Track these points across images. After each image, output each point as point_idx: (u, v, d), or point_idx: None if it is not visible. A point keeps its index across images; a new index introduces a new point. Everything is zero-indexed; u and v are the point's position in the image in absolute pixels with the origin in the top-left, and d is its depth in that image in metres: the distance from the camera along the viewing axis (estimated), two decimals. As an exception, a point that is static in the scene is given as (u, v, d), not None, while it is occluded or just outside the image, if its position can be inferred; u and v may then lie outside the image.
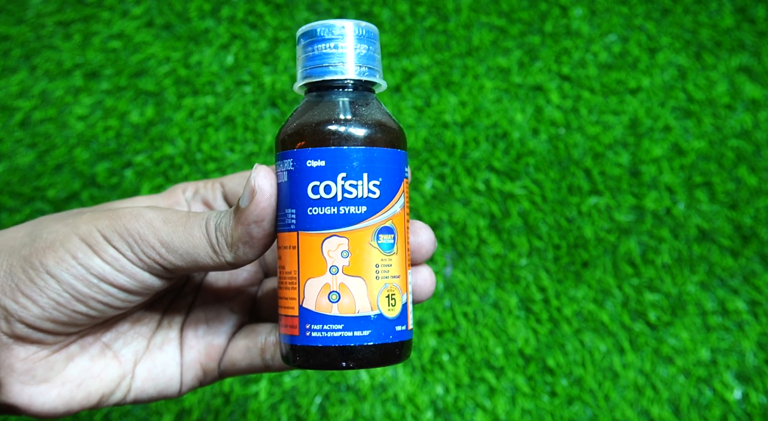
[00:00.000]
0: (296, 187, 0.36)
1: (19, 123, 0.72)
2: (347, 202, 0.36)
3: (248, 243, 0.37)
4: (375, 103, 0.39)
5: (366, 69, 0.38)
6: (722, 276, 0.69)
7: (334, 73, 0.37)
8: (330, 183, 0.36)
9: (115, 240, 0.36)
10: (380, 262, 0.37)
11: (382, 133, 0.37)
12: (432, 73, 0.73)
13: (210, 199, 0.44)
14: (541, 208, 0.70)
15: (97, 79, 0.73)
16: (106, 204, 0.43)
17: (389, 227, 0.37)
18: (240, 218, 0.36)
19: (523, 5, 0.75)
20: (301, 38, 0.38)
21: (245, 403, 0.66)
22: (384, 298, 0.37)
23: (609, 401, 0.66)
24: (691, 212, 0.70)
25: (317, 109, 0.37)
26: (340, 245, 0.36)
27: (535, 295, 0.68)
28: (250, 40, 0.74)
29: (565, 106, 0.73)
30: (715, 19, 0.75)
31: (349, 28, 0.38)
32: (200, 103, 0.73)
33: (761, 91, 0.73)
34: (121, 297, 0.37)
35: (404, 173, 0.38)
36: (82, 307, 0.36)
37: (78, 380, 0.38)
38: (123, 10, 0.75)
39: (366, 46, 0.38)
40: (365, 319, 0.36)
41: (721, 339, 0.67)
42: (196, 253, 0.37)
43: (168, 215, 0.37)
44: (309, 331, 0.36)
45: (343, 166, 0.36)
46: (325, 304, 0.36)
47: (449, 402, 0.66)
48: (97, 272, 0.36)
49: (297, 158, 0.37)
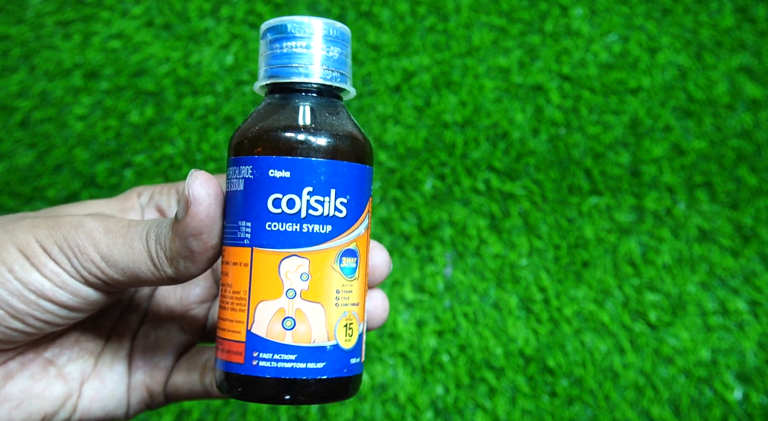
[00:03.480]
0: (254, 198, 0.33)
1: (19, 123, 0.72)
2: (312, 219, 0.33)
3: (188, 258, 0.33)
4: (344, 113, 0.35)
5: (338, 74, 0.35)
6: (723, 276, 0.69)
7: (304, 75, 0.34)
8: (294, 197, 0.32)
9: (54, 252, 0.33)
10: (341, 287, 0.33)
11: (353, 147, 0.34)
12: (432, 73, 0.73)
13: (164, 207, 0.40)
14: (542, 208, 0.70)
15: (96, 79, 0.73)
16: (54, 208, 0.39)
17: (353, 249, 0.34)
18: (177, 231, 0.32)
19: (524, 5, 0.75)
20: (267, 33, 0.35)
21: (245, 403, 0.66)
22: (342, 327, 0.33)
23: (609, 402, 0.66)
24: (692, 211, 0.70)
25: (283, 114, 0.34)
26: (300, 266, 0.32)
27: (535, 295, 0.68)
28: (250, 40, 0.74)
29: (566, 106, 0.73)
30: (715, 19, 0.75)
31: (320, 28, 0.34)
32: (200, 103, 0.73)
33: (762, 91, 0.73)
34: (62, 314, 0.34)
35: (370, 191, 0.35)
36: (18, 324, 0.33)
37: (18, 400, 0.35)
38: (123, 10, 0.75)
39: (338, 49, 0.35)
40: (321, 350, 0.33)
41: (721, 339, 0.67)
42: (136, 266, 0.33)
43: (109, 224, 0.34)
44: (256, 360, 0.32)
45: (310, 179, 0.32)
46: (278, 331, 0.32)
47: (449, 402, 0.66)
48: (35, 287, 0.32)
49: (257, 166, 0.33)
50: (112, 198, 0.40)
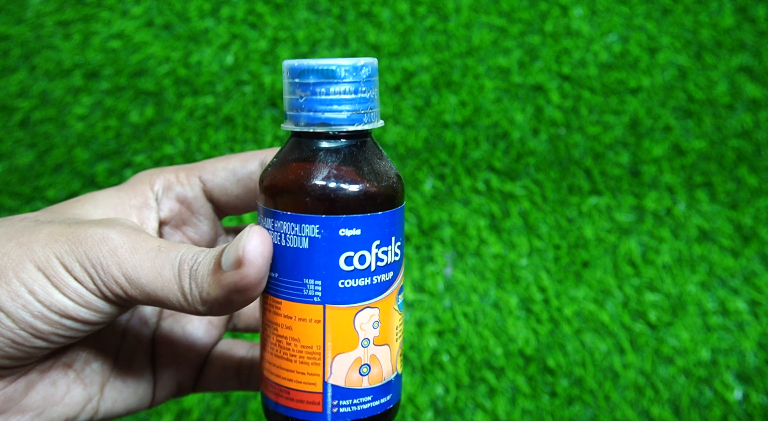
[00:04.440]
0: (324, 257, 0.32)
1: (19, 123, 0.72)
2: (379, 270, 0.33)
3: (226, 307, 0.32)
4: (379, 150, 0.34)
5: (373, 113, 0.33)
6: (723, 276, 0.69)
7: (345, 121, 0.32)
8: (365, 253, 0.32)
9: (75, 270, 0.31)
10: (398, 323, 0.35)
11: (400, 189, 0.34)
12: (432, 73, 0.73)
13: (189, 198, 0.38)
14: (542, 208, 0.70)
15: (96, 79, 0.73)
16: (62, 204, 0.37)
17: (403, 285, 0.35)
18: (220, 281, 0.31)
19: (524, 5, 0.75)
20: (310, 75, 0.32)
21: (245, 403, 0.66)
22: (399, 357, 0.35)
23: (609, 402, 0.66)
24: (692, 211, 0.70)
25: (335, 164, 0.32)
26: (372, 315, 0.33)
27: (535, 295, 0.68)
28: (250, 40, 0.74)
29: (566, 106, 0.73)
30: (715, 19, 0.75)
31: (367, 69, 0.33)
32: (200, 103, 0.73)
33: (762, 91, 0.73)
34: (85, 329, 0.33)
35: None
36: (41, 342, 0.32)
37: (39, 409, 0.35)
38: (123, 9, 0.75)
39: (371, 86, 0.33)
40: (388, 384, 0.34)
41: (721, 339, 0.67)
42: (164, 295, 0.32)
43: (137, 242, 0.32)
44: (336, 407, 0.33)
45: (377, 233, 0.32)
46: (355, 378, 0.33)
47: (449, 402, 0.66)
48: (58, 309, 0.31)
49: (325, 226, 0.32)
50: (121, 187, 0.38)
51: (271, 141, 0.72)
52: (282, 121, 0.37)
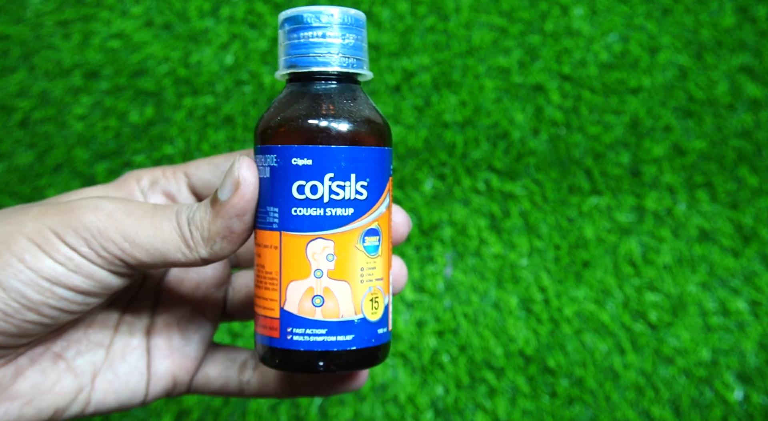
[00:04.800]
0: (280, 185, 0.35)
1: (19, 123, 0.72)
2: (334, 203, 0.34)
3: (227, 238, 0.34)
4: (362, 97, 0.37)
5: (354, 60, 0.36)
6: (723, 276, 0.69)
7: (322, 64, 0.35)
8: (317, 183, 0.34)
9: (68, 236, 0.32)
10: (365, 265, 0.35)
11: (370, 131, 0.36)
12: (432, 73, 0.73)
13: (173, 191, 0.40)
14: (542, 208, 0.70)
15: (96, 79, 0.73)
16: (53, 198, 0.38)
17: (375, 228, 0.36)
18: (220, 211, 0.33)
19: (524, 5, 0.75)
20: (285, 23, 0.36)
21: (245, 404, 0.66)
22: (368, 301, 0.36)
23: (610, 402, 0.66)
24: (692, 212, 0.70)
25: (303, 103, 0.35)
26: (326, 247, 0.35)
27: (535, 295, 0.68)
28: (249, 40, 0.74)
29: (566, 106, 0.73)
30: (716, 19, 0.75)
31: (336, 16, 0.35)
32: (200, 103, 0.73)
33: (762, 91, 0.73)
34: (77, 300, 0.33)
35: (389, 171, 0.37)
36: (33, 315, 0.32)
37: (29, 396, 0.35)
38: (122, 9, 0.75)
39: (354, 36, 0.36)
40: (349, 323, 0.35)
41: (722, 339, 0.67)
42: (165, 248, 0.33)
43: (130, 207, 0.34)
44: (290, 334, 0.35)
45: (330, 166, 0.34)
46: (308, 308, 0.35)
47: (449, 403, 0.66)
48: (48, 274, 0.32)
49: (281, 155, 0.34)
50: (108, 184, 0.39)
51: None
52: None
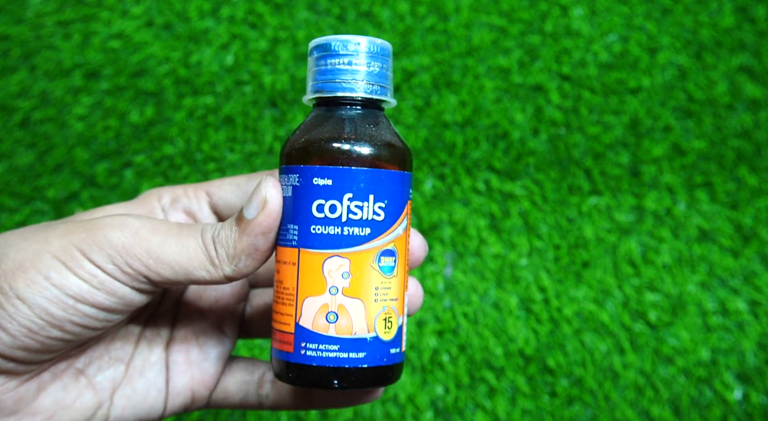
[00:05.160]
0: (300, 203, 0.36)
1: (19, 123, 0.72)
2: (351, 223, 0.36)
3: (252, 255, 0.35)
4: (384, 123, 0.38)
5: (378, 87, 0.38)
6: (723, 276, 0.69)
7: (346, 89, 0.37)
8: (335, 203, 0.36)
9: (93, 253, 0.33)
10: (380, 284, 0.36)
11: (390, 155, 0.37)
12: (432, 73, 0.73)
13: (195, 210, 0.40)
14: (541, 208, 0.70)
15: (96, 79, 0.73)
16: (76, 216, 0.38)
17: (391, 249, 0.37)
18: (246, 229, 0.34)
19: (524, 5, 0.75)
20: (314, 50, 0.38)
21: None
22: (381, 321, 0.37)
23: (609, 402, 0.66)
24: (692, 211, 0.70)
25: (327, 126, 0.37)
26: (342, 265, 0.36)
27: (535, 295, 0.68)
28: (250, 40, 0.74)
29: (566, 106, 0.73)
30: (715, 19, 0.75)
31: (363, 45, 0.37)
32: (200, 103, 0.73)
33: (762, 91, 0.73)
34: (100, 317, 0.34)
35: (409, 195, 0.38)
36: (56, 332, 0.33)
37: (50, 412, 0.35)
38: (123, 9, 0.75)
39: (379, 64, 0.38)
40: (361, 341, 0.36)
41: (721, 339, 0.67)
42: (190, 265, 0.34)
43: (156, 225, 0.34)
44: (304, 349, 0.36)
45: (350, 186, 0.36)
46: (322, 324, 0.36)
47: (449, 402, 0.66)
48: (73, 292, 0.32)
49: (303, 175, 0.36)
50: (129, 202, 0.40)
51: (271, 141, 0.72)
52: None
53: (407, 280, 0.39)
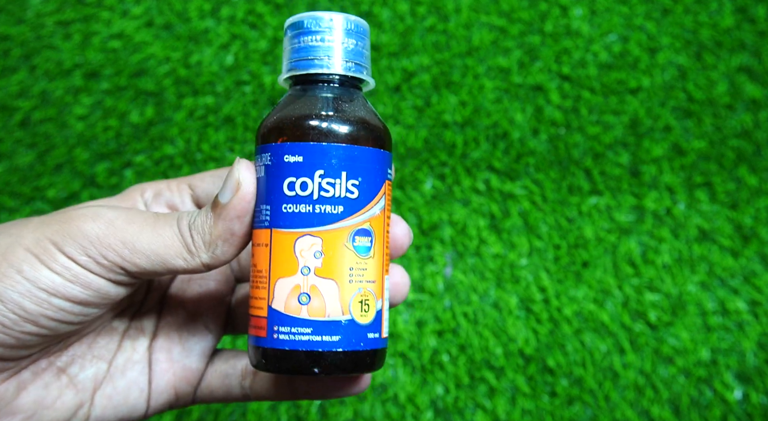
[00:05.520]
0: (272, 182, 0.35)
1: (19, 123, 0.72)
2: (323, 200, 0.34)
3: (228, 241, 0.34)
4: (360, 101, 0.37)
5: (353, 64, 0.36)
6: (722, 276, 0.69)
7: (320, 67, 0.35)
8: (306, 180, 0.34)
9: (67, 245, 0.32)
10: (355, 265, 0.35)
11: (364, 131, 0.35)
12: (432, 73, 0.73)
13: (177, 203, 0.40)
14: (541, 208, 0.70)
15: (96, 79, 0.73)
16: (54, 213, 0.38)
17: (366, 229, 0.35)
18: (221, 214, 0.34)
19: (523, 5, 0.75)
20: (288, 29, 0.37)
21: (245, 403, 0.66)
22: (357, 303, 0.35)
23: (609, 402, 0.66)
24: (692, 211, 0.70)
25: (299, 103, 0.36)
26: (314, 244, 0.34)
27: (535, 295, 0.68)
28: (250, 40, 0.74)
29: (565, 106, 0.73)
30: (715, 19, 0.75)
31: (337, 22, 0.36)
32: (200, 103, 0.73)
33: (762, 91, 0.73)
34: (75, 311, 0.33)
35: (387, 175, 0.37)
36: (31, 327, 0.32)
37: (30, 411, 0.35)
38: (123, 10, 0.75)
39: (354, 41, 0.36)
40: (335, 324, 0.34)
41: (721, 339, 0.67)
42: (167, 254, 0.33)
43: (131, 215, 0.34)
44: (276, 333, 0.34)
45: (321, 163, 0.34)
46: (294, 306, 0.34)
47: (449, 402, 0.66)
48: (45, 284, 0.32)
49: (275, 153, 0.35)
50: (111, 197, 0.39)
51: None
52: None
53: (388, 263, 0.37)
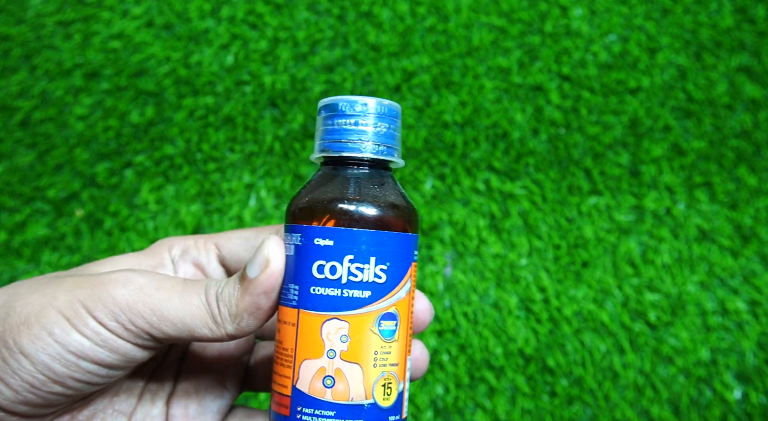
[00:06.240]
0: (302, 263, 0.35)
1: (19, 123, 0.72)
2: (352, 285, 0.35)
3: (254, 314, 0.35)
4: (390, 183, 0.38)
5: (384, 148, 0.37)
6: (722, 276, 0.69)
7: (352, 149, 0.36)
8: (336, 264, 0.35)
9: (98, 310, 0.33)
10: (379, 349, 0.35)
11: (393, 217, 0.36)
12: (432, 73, 0.73)
13: (203, 262, 0.40)
14: (541, 208, 0.70)
15: (97, 79, 0.73)
16: (85, 267, 0.39)
17: (392, 313, 0.36)
18: (248, 288, 0.34)
19: (523, 5, 0.75)
20: (322, 110, 0.37)
21: (245, 403, 0.66)
22: (380, 387, 0.35)
23: (609, 401, 0.66)
24: (691, 211, 0.70)
25: (330, 186, 0.36)
26: (340, 328, 0.35)
27: (535, 295, 0.68)
28: (250, 40, 0.74)
29: (565, 106, 0.73)
30: (715, 19, 0.75)
31: (371, 106, 0.37)
32: (200, 103, 0.73)
33: (761, 91, 0.73)
34: (102, 373, 0.34)
35: (413, 257, 0.37)
36: (58, 387, 0.33)
37: None
38: (123, 10, 0.75)
39: (386, 125, 0.37)
40: (358, 407, 0.35)
41: (721, 339, 0.67)
42: (193, 323, 0.34)
43: (161, 281, 0.35)
44: (300, 414, 0.35)
45: (351, 247, 0.35)
46: (318, 388, 0.35)
47: (449, 402, 0.66)
48: (75, 348, 0.32)
49: (306, 234, 0.35)
50: (140, 252, 0.40)
51: (271, 141, 0.72)
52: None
53: (410, 344, 0.38)
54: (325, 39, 0.74)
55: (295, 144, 0.72)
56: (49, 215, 0.70)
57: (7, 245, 0.69)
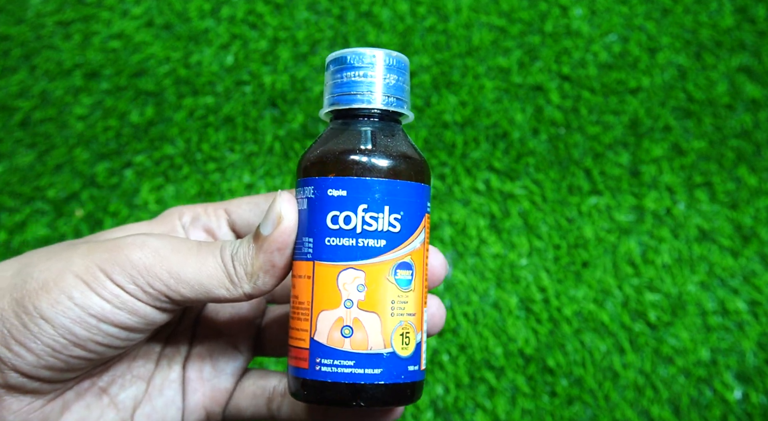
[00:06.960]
0: (315, 215, 0.35)
1: (19, 123, 0.72)
2: (366, 234, 0.35)
3: (269, 272, 0.35)
4: (401, 135, 0.38)
5: (394, 99, 0.37)
6: (722, 276, 0.69)
7: (361, 101, 0.36)
8: (350, 214, 0.35)
9: (115, 274, 0.33)
10: (396, 298, 0.35)
11: (406, 166, 0.36)
12: (432, 73, 0.73)
13: (213, 228, 0.41)
14: (541, 208, 0.70)
15: (97, 79, 0.73)
16: (98, 234, 0.39)
17: (408, 262, 0.36)
18: (263, 246, 0.34)
19: (523, 5, 0.75)
20: (330, 64, 0.38)
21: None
22: (398, 336, 0.36)
23: (609, 401, 0.66)
24: (692, 211, 0.70)
25: (342, 138, 0.36)
26: (356, 278, 0.35)
27: (535, 295, 0.68)
28: (250, 40, 0.74)
29: (565, 106, 0.73)
30: (715, 19, 0.75)
31: (379, 58, 0.37)
32: (200, 103, 0.73)
33: (761, 91, 0.73)
34: (122, 336, 0.34)
35: (426, 208, 0.37)
36: (80, 351, 0.33)
37: None
38: (123, 10, 0.75)
39: (395, 77, 0.37)
40: (377, 356, 0.35)
41: (721, 339, 0.67)
42: (210, 284, 0.34)
43: (176, 243, 0.35)
44: (319, 365, 0.35)
45: (364, 197, 0.35)
46: (337, 338, 0.35)
47: (449, 402, 0.66)
48: (95, 311, 0.33)
49: (318, 186, 0.35)
50: (151, 220, 0.40)
51: (271, 141, 0.72)
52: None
53: (426, 296, 0.38)
54: (325, 39, 0.74)
55: (295, 144, 0.72)
56: (49, 215, 0.70)
57: (7, 245, 0.69)
